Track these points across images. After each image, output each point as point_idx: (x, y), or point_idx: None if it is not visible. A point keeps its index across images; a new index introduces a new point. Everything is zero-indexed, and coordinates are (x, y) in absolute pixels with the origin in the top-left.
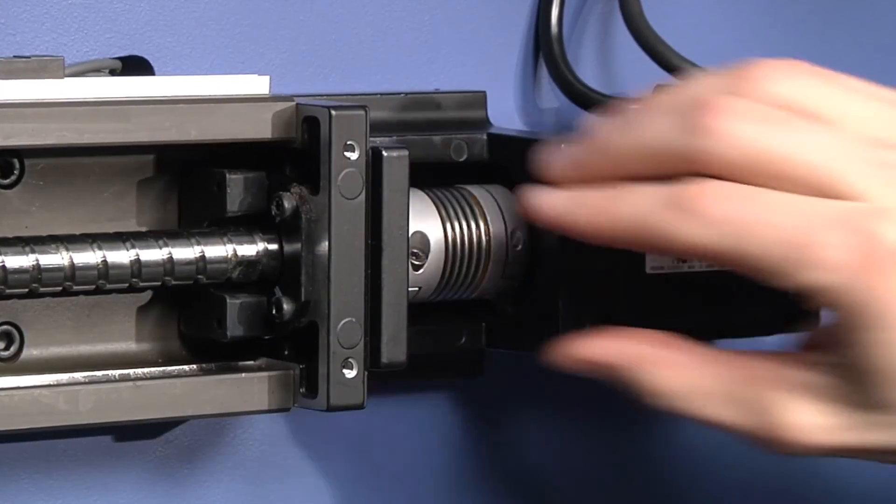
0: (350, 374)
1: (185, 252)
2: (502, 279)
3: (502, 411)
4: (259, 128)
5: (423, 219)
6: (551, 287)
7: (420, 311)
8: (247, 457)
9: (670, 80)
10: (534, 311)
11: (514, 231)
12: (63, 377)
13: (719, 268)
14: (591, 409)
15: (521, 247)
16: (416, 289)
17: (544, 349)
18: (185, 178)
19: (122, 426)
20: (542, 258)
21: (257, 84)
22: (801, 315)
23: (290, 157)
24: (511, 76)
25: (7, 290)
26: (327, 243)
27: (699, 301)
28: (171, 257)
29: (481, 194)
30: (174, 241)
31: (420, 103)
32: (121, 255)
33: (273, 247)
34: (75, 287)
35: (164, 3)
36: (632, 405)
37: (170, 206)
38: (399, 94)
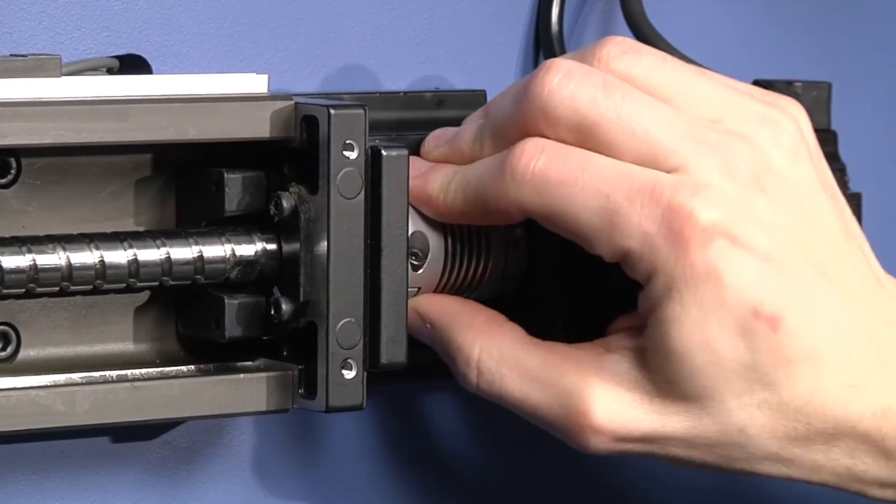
0: (349, 374)
1: (182, 252)
2: (502, 279)
3: (502, 411)
4: (257, 127)
5: (423, 218)
6: (551, 287)
7: None
8: (245, 458)
9: None
10: (533, 311)
11: (513, 231)
12: (60, 378)
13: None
14: None
15: (520, 247)
16: (416, 289)
17: None
18: (183, 177)
19: (119, 427)
20: (541, 258)
21: (255, 83)
22: None
23: (289, 156)
24: (511, 76)
25: (4, 291)
26: (326, 243)
27: None
28: (168, 257)
29: None
30: (172, 241)
31: (420, 102)
32: (118, 255)
33: (271, 247)
34: (72, 287)
35: (161, 1)
36: None
37: (167, 206)
38: (399, 93)
